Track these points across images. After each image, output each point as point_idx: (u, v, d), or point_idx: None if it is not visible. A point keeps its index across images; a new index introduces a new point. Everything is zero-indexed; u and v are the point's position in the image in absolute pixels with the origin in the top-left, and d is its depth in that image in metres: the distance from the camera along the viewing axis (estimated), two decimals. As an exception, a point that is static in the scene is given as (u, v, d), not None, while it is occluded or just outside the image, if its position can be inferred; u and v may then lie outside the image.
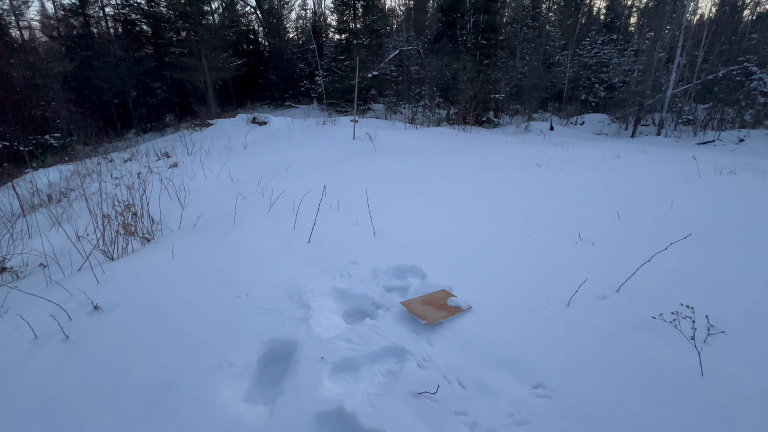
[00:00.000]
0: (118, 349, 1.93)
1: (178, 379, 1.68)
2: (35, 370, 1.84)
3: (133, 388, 1.66)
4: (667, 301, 2.14)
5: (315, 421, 1.44)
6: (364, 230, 3.37)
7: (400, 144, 8.39)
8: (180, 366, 1.76)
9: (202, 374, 1.70)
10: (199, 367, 1.74)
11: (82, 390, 1.68)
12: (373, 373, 1.70)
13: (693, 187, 4.73)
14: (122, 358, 1.87)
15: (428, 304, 2.12)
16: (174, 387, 1.64)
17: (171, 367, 1.76)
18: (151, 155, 9.40)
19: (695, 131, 13.15)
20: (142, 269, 2.83)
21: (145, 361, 1.82)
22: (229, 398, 1.57)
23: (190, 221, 4.00)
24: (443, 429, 1.40)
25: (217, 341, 1.90)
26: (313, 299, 2.21)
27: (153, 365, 1.79)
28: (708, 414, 1.50)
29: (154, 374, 1.73)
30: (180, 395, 1.60)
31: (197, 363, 1.77)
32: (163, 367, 1.77)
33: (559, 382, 1.62)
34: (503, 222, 3.62)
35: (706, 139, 11.81)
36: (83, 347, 1.95)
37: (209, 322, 2.07)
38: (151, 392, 1.63)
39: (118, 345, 1.96)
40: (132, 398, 1.61)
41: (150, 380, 1.70)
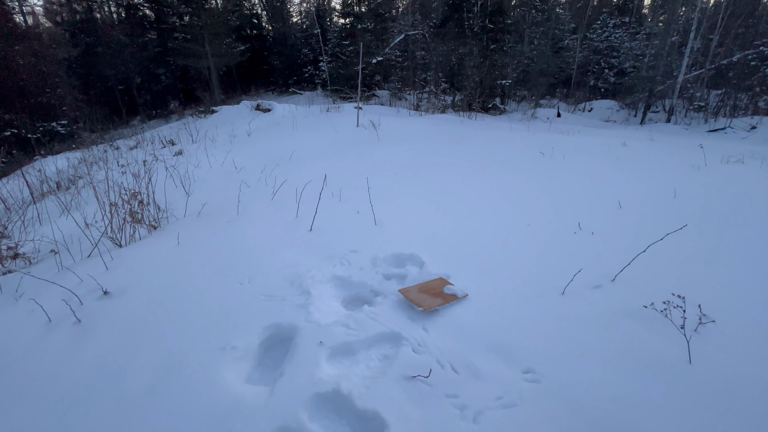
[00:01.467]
0: (127, 332, 2.02)
1: (184, 361, 1.77)
2: (49, 351, 1.94)
3: (142, 368, 1.76)
4: (661, 290, 2.18)
5: (312, 401, 1.51)
6: (364, 219, 3.42)
7: (403, 131, 8.35)
8: (185, 348, 1.84)
9: (206, 356, 1.78)
10: (203, 349, 1.82)
11: (94, 369, 1.78)
12: (369, 358, 1.77)
13: (698, 176, 4.68)
14: (131, 340, 1.96)
15: (425, 291, 2.18)
16: (180, 367, 1.73)
17: (177, 349, 1.84)
18: (156, 143, 9.46)
19: (706, 118, 12.87)
20: (149, 256, 2.91)
21: (153, 343, 1.91)
22: (231, 379, 1.66)
23: (195, 209, 4.08)
24: (434, 410, 1.46)
25: (221, 326, 1.98)
26: (313, 286, 2.28)
27: (160, 347, 1.88)
28: (693, 400, 1.55)
29: (161, 355, 1.82)
30: (185, 375, 1.68)
31: (201, 345, 1.85)
32: (170, 348, 1.86)
33: (547, 367, 1.67)
34: (503, 211, 3.64)
35: (717, 127, 11.57)
36: (94, 330, 2.04)
37: (213, 308, 2.15)
38: (158, 372, 1.72)
39: (126, 328, 2.05)
40: (140, 377, 1.70)
41: (157, 361, 1.79)
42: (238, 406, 1.51)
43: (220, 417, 1.48)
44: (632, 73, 16.40)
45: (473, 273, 2.46)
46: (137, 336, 1.99)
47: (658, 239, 2.52)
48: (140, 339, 1.96)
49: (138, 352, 1.86)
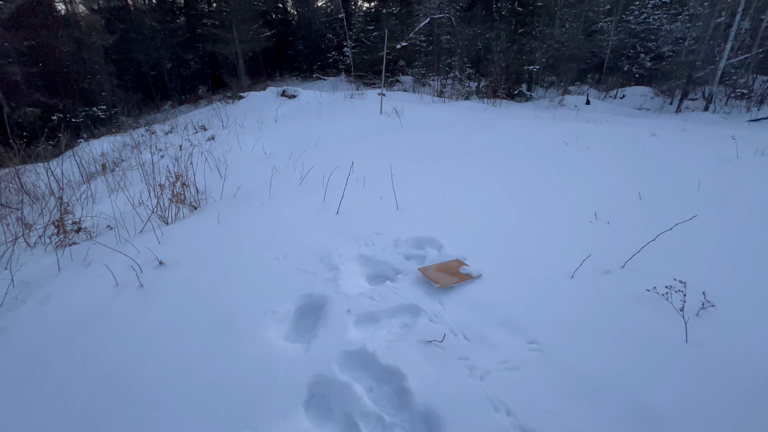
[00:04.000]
0: (183, 296, 2.34)
1: (232, 321, 2.07)
2: (119, 311, 2.28)
3: (198, 327, 2.07)
4: (668, 278, 2.29)
5: (342, 356, 1.77)
6: (387, 204, 3.63)
7: (426, 119, 8.43)
8: (233, 311, 2.15)
9: (251, 318, 2.07)
10: (248, 312, 2.12)
11: (159, 327, 2.11)
12: (391, 325, 2.01)
13: (726, 169, 4.60)
14: (186, 303, 2.28)
15: (442, 271, 2.38)
16: (230, 326, 2.03)
17: (225, 312, 2.15)
18: (189, 128, 9.95)
19: (749, 107, 12.15)
20: (194, 233, 3.25)
21: (205, 307, 2.22)
22: (273, 337, 1.94)
23: (230, 192, 4.41)
24: (446, 368, 1.69)
25: (262, 294, 2.27)
26: (341, 263, 2.53)
27: (211, 310, 2.19)
28: (685, 375, 1.71)
29: (213, 317, 2.13)
30: (235, 333, 1.98)
31: (246, 309, 2.14)
32: (220, 311, 2.16)
33: (551, 340, 1.86)
34: (521, 199, 3.76)
35: (760, 116, 10.92)
36: (155, 294, 2.38)
37: (254, 278, 2.45)
38: (212, 330, 2.03)
39: (182, 294, 2.37)
40: (198, 334, 2.01)
41: (210, 321, 2.10)
42: (281, 358, 1.79)
43: (266, 366, 1.76)
44: (670, 58, 15.55)
45: (488, 256, 2.65)
46: (191, 299, 2.31)
47: (668, 229, 2.61)
48: (194, 302, 2.28)
49: (194, 313, 2.18)
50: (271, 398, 1.59)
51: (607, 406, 1.54)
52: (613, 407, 1.54)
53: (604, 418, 1.49)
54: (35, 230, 3.66)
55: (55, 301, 2.45)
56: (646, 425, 1.48)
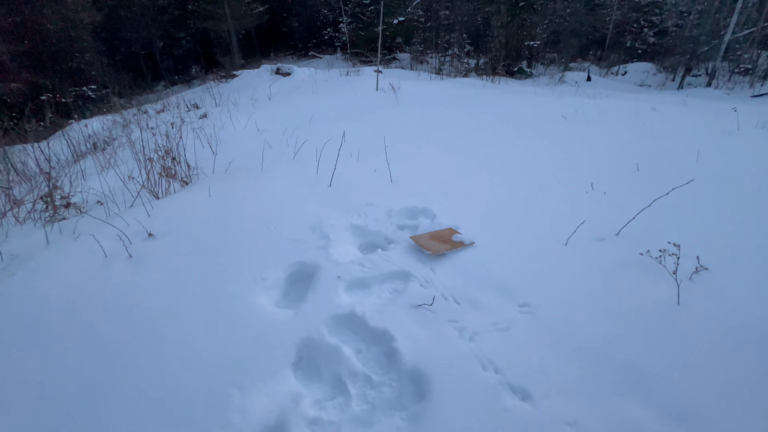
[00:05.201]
0: (173, 265, 2.32)
1: (224, 288, 2.05)
2: (111, 280, 2.26)
3: (190, 294, 2.05)
4: (662, 244, 2.27)
5: (331, 320, 1.76)
6: (381, 177, 3.58)
7: (423, 95, 8.26)
8: (224, 279, 2.13)
9: (242, 285, 2.05)
10: (239, 280, 2.10)
11: (152, 296, 2.09)
12: (382, 290, 2.00)
13: (726, 141, 4.54)
14: (177, 273, 2.25)
15: (435, 239, 2.36)
16: (222, 294, 2.01)
17: (218, 280, 2.13)
18: (181, 107, 9.74)
19: (752, 82, 11.95)
20: (184, 206, 3.20)
21: (196, 275, 2.20)
22: (264, 303, 1.93)
23: (222, 167, 4.33)
24: (435, 330, 1.69)
25: (252, 262, 2.25)
26: (332, 232, 2.50)
27: (203, 278, 2.17)
28: (675, 337, 1.71)
29: (205, 285, 2.11)
30: (227, 299, 1.97)
31: (238, 277, 2.12)
32: (212, 279, 2.14)
33: (542, 303, 1.85)
34: (517, 171, 3.71)
35: (763, 91, 10.76)
36: (145, 264, 2.35)
37: (245, 248, 2.42)
38: (205, 297, 2.01)
39: (172, 263, 2.35)
40: (190, 301, 2.00)
41: (202, 289, 2.08)
42: (271, 323, 1.78)
43: (256, 330, 1.75)
44: (674, 33, 15.17)
45: (482, 225, 2.62)
46: (182, 268, 2.28)
47: (664, 194, 2.57)
48: (185, 271, 2.25)
49: (185, 282, 2.16)
50: (260, 360, 1.58)
51: (595, 365, 1.54)
52: (601, 366, 1.54)
53: (591, 376, 1.50)
54: (24, 206, 3.61)
55: (44, 272, 2.42)
56: (633, 382, 1.48)
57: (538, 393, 1.40)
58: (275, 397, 1.40)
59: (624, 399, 1.42)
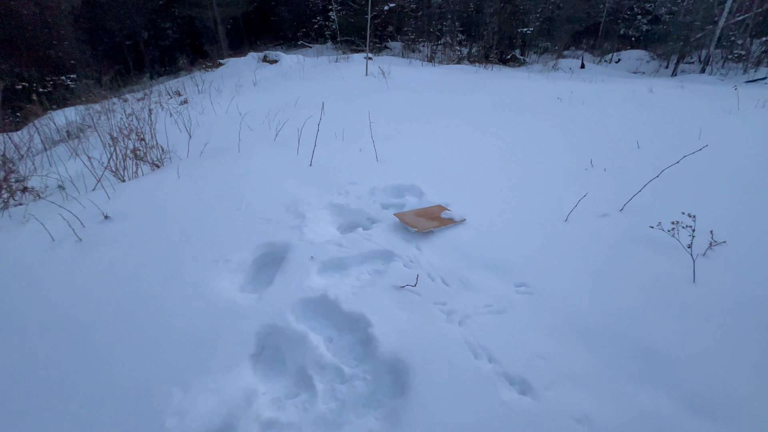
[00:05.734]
0: (127, 249, 2.06)
1: (180, 270, 1.80)
2: (54, 263, 2.00)
3: (142, 278, 1.80)
4: (671, 220, 2.06)
5: (299, 304, 1.52)
6: (366, 156, 3.33)
7: (415, 80, 7.98)
8: (182, 261, 1.87)
9: (201, 267, 1.80)
10: (199, 262, 1.85)
11: (97, 279, 1.83)
12: (361, 272, 1.76)
13: (727, 120, 4.36)
14: (131, 255, 2.00)
15: (421, 216, 2.12)
16: (177, 276, 1.76)
17: (174, 262, 1.87)
18: (163, 94, 9.35)
19: (745, 68, 11.84)
20: (150, 188, 2.93)
21: (152, 257, 1.94)
22: (224, 287, 1.68)
23: (198, 150, 4.04)
24: (420, 314, 1.46)
25: (216, 243, 2.00)
26: (309, 211, 2.25)
27: (158, 260, 1.91)
28: (692, 316, 1.50)
29: (160, 267, 1.85)
30: (182, 282, 1.72)
31: (198, 259, 1.87)
32: (168, 261, 1.89)
33: (542, 283, 1.63)
34: (511, 150, 3.48)
35: (757, 77, 10.65)
36: (95, 247, 2.09)
37: (210, 229, 2.16)
38: (157, 280, 1.76)
39: (126, 246, 2.08)
40: (141, 285, 1.74)
41: (156, 271, 1.83)
42: (229, 308, 1.54)
43: (211, 317, 1.51)
44: (668, 20, 15.01)
45: (474, 202, 2.39)
46: (137, 251, 2.02)
47: (674, 162, 2.36)
48: (140, 253, 2.00)
49: (138, 264, 1.90)
50: (212, 351, 1.34)
51: (603, 348, 1.33)
52: (610, 349, 1.33)
53: (600, 362, 1.28)
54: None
55: (-17, 258, 2.14)
56: (648, 368, 1.27)
57: (539, 384, 1.17)
58: (225, 395, 1.17)
59: (639, 387, 1.21)
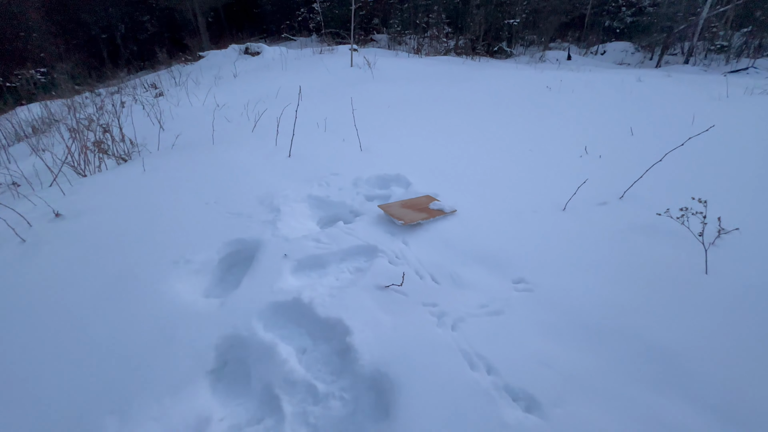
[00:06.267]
0: (76, 250, 1.82)
1: (133, 273, 1.58)
2: (-10, 269, 1.74)
3: (85, 284, 1.57)
4: (674, 207, 1.92)
5: (268, 310, 1.32)
6: (350, 146, 3.12)
7: (401, 71, 7.77)
8: (135, 262, 1.65)
9: (157, 269, 1.58)
10: (155, 263, 1.62)
11: (33, 286, 1.59)
12: (340, 270, 1.57)
13: (718, 106, 4.29)
14: (80, 257, 1.76)
15: (408, 207, 1.93)
16: (128, 280, 1.54)
17: (126, 264, 1.65)
18: (138, 88, 8.92)
19: (727, 59, 11.98)
20: (111, 183, 2.67)
21: (103, 259, 1.71)
22: (181, 291, 1.46)
23: (170, 143, 3.78)
24: (407, 317, 1.27)
25: (177, 241, 1.77)
26: (284, 204, 2.04)
27: (109, 262, 1.68)
28: (706, 310, 1.35)
29: (108, 270, 1.62)
30: (131, 287, 1.50)
31: (153, 260, 1.65)
32: (119, 264, 1.66)
33: (542, 278, 1.46)
34: (503, 139, 3.32)
35: (739, 67, 10.77)
36: (40, 249, 1.84)
37: (172, 226, 1.93)
38: (102, 286, 1.53)
39: (76, 246, 1.84)
40: (83, 292, 1.51)
41: (105, 275, 1.60)
42: (186, 316, 1.33)
43: (164, 327, 1.29)
44: (651, 11, 15.10)
45: (465, 192, 2.21)
46: (87, 253, 1.78)
47: (680, 144, 2.23)
48: (90, 256, 1.76)
49: (83, 268, 1.66)
50: (160, 369, 1.13)
51: (613, 351, 1.16)
52: (622, 351, 1.17)
53: (612, 365, 1.12)
54: None
55: None
56: (664, 370, 1.12)
57: (546, 398, 1.00)
58: (171, 424, 0.96)
59: (658, 396, 1.05)
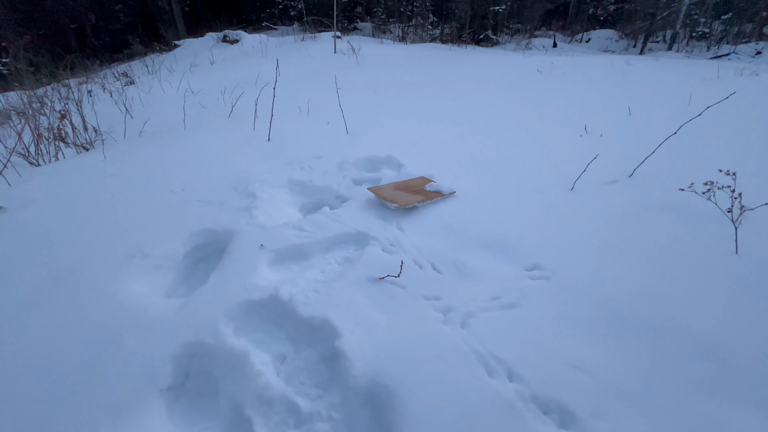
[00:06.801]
0: (16, 244, 1.55)
1: (78, 270, 1.33)
2: None
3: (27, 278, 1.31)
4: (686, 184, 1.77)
5: (239, 310, 1.10)
6: (335, 128, 2.89)
7: (387, 57, 7.50)
8: (83, 257, 1.39)
9: (106, 266, 1.34)
10: (106, 258, 1.38)
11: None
12: (326, 261, 1.35)
13: (712, 86, 4.20)
14: (19, 252, 1.50)
15: (402, 189, 1.73)
16: (69, 279, 1.29)
17: (72, 260, 1.39)
18: (109, 78, 8.40)
19: (708, 46, 12.11)
20: (67, 172, 2.37)
21: (46, 253, 1.46)
22: (137, 291, 1.22)
23: (138, 130, 3.46)
24: (406, 315, 1.07)
25: (134, 233, 1.52)
26: (261, 189, 1.80)
27: (53, 257, 1.43)
28: (744, 297, 1.19)
29: (53, 265, 1.37)
30: (76, 285, 1.26)
31: (105, 254, 1.40)
32: (61, 260, 1.40)
33: (558, 263, 1.28)
34: (498, 120, 3.14)
35: (721, 53, 10.90)
36: (-29, 247, 1.57)
37: (130, 216, 1.68)
38: (45, 281, 1.29)
39: (16, 241, 1.58)
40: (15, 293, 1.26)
41: (46, 270, 1.35)
42: (139, 320, 1.09)
43: (110, 334, 1.06)
44: (635, -1, 15.12)
45: (462, 173, 2.01)
46: (29, 247, 1.52)
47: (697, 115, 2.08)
48: (30, 251, 1.50)
49: (19, 265, 1.40)
50: (102, 389, 0.90)
51: (655, 347, 0.99)
52: (664, 346, 0.99)
53: (654, 364, 0.94)
54: None
55: None
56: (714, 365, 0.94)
57: (584, 409, 0.82)
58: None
59: (720, 403, 0.87)
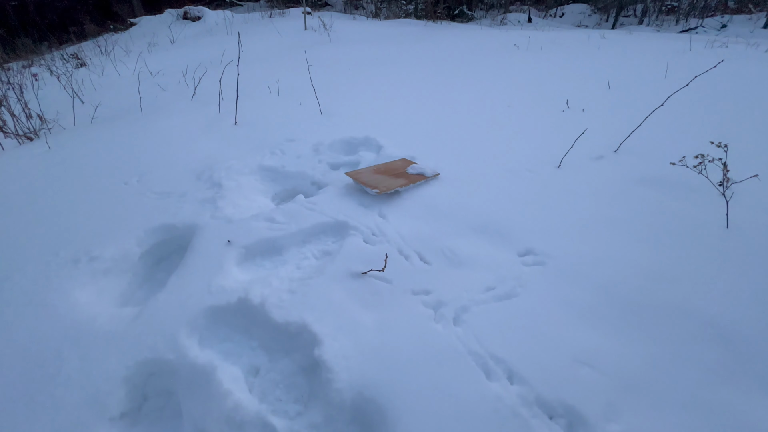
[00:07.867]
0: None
1: (10, 278, 1.15)
2: None
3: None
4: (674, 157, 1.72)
5: (203, 318, 0.96)
6: (308, 109, 2.70)
7: (360, 33, 7.19)
8: (17, 263, 1.21)
9: (46, 271, 1.16)
10: (46, 263, 1.20)
11: None
12: (303, 256, 1.22)
13: (686, 58, 4.22)
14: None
15: (382, 173, 1.60)
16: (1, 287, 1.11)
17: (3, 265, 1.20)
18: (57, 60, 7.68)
19: (677, 20, 12.34)
20: (3, 165, 2.10)
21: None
22: (82, 300, 1.06)
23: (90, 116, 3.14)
24: (393, 313, 0.96)
25: (79, 233, 1.34)
26: (228, 178, 1.63)
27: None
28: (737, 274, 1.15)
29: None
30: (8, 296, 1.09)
31: (43, 258, 1.22)
32: (-6, 269, 1.21)
33: (553, 246, 1.20)
34: (478, 97, 3.02)
35: (689, 26, 11.15)
36: None
37: (76, 213, 1.48)
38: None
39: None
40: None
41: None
42: (82, 337, 0.94)
43: (46, 356, 0.90)
44: (607, -28, 15.10)
45: (446, 154, 1.90)
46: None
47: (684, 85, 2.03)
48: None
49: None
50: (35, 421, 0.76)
51: (666, 333, 0.93)
52: (676, 333, 0.93)
53: (668, 353, 0.88)
54: None
55: None
56: (730, 352, 0.89)
57: (594, 410, 0.74)
58: None
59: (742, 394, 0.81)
